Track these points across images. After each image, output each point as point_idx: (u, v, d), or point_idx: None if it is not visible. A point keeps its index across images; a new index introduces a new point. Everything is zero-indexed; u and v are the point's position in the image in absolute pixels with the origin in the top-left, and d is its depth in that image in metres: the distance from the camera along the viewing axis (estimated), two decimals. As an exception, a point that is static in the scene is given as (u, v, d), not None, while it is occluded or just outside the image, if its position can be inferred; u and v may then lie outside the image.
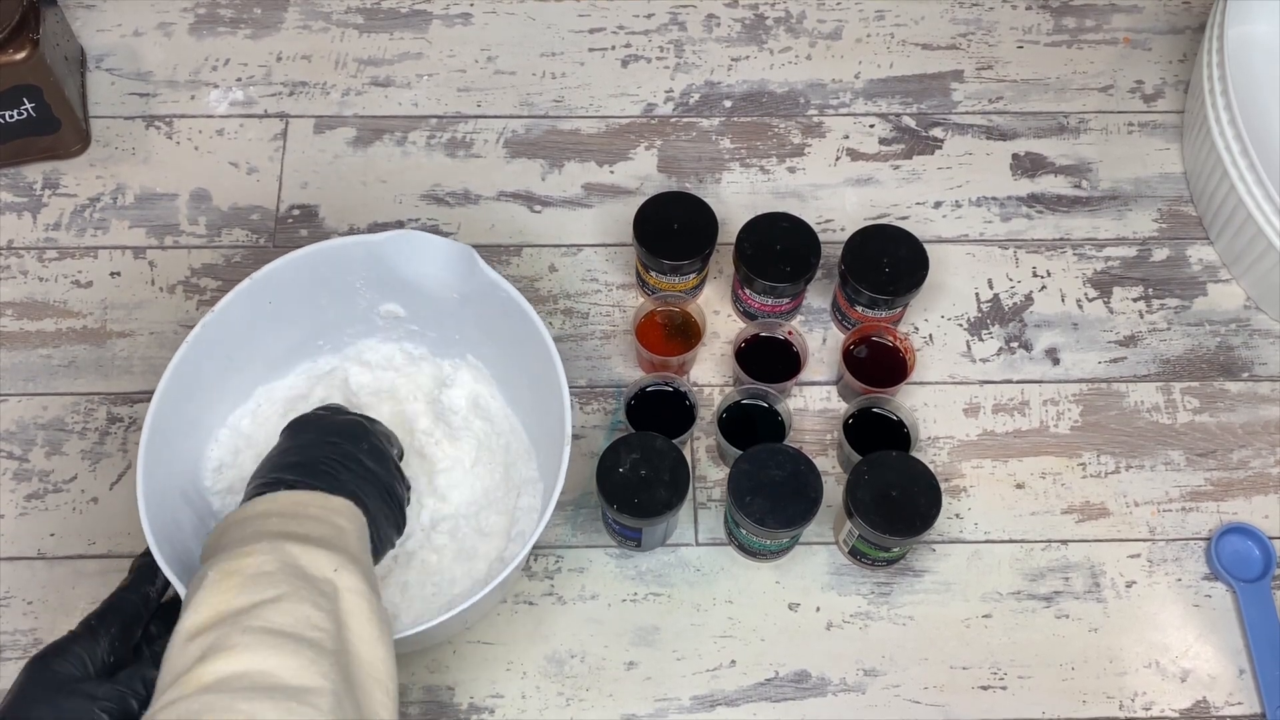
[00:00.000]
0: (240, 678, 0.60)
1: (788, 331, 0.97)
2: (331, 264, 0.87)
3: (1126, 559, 0.94)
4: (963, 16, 1.17)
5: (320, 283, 0.88)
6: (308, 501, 0.73)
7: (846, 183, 1.08)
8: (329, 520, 0.72)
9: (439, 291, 0.88)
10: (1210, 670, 0.91)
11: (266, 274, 0.85)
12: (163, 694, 0.60)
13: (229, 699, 0.59)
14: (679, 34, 1.15)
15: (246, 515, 0.72)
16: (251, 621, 0.62)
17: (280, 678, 0.60)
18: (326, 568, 0.67)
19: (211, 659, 0.60)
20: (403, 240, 0.86)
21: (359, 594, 0.67)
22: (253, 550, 0.67)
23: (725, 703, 0.89)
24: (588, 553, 0.94)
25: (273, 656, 0.61)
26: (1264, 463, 0.98)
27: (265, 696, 0.59)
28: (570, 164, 1.09)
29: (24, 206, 1.05)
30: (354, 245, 0.86)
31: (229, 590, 0.64)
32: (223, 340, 0.85)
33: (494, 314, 0.87)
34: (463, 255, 0.85)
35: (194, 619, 0.64)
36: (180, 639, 0.63)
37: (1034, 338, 1.02)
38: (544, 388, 0.85)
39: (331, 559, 0.67)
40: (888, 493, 0.87)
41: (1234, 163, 0.98)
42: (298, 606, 0.64)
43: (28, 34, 0.98)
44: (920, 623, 0.92)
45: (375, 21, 1.15)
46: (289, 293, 0.87)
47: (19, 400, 0.98)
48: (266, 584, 0.65)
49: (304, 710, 0.59)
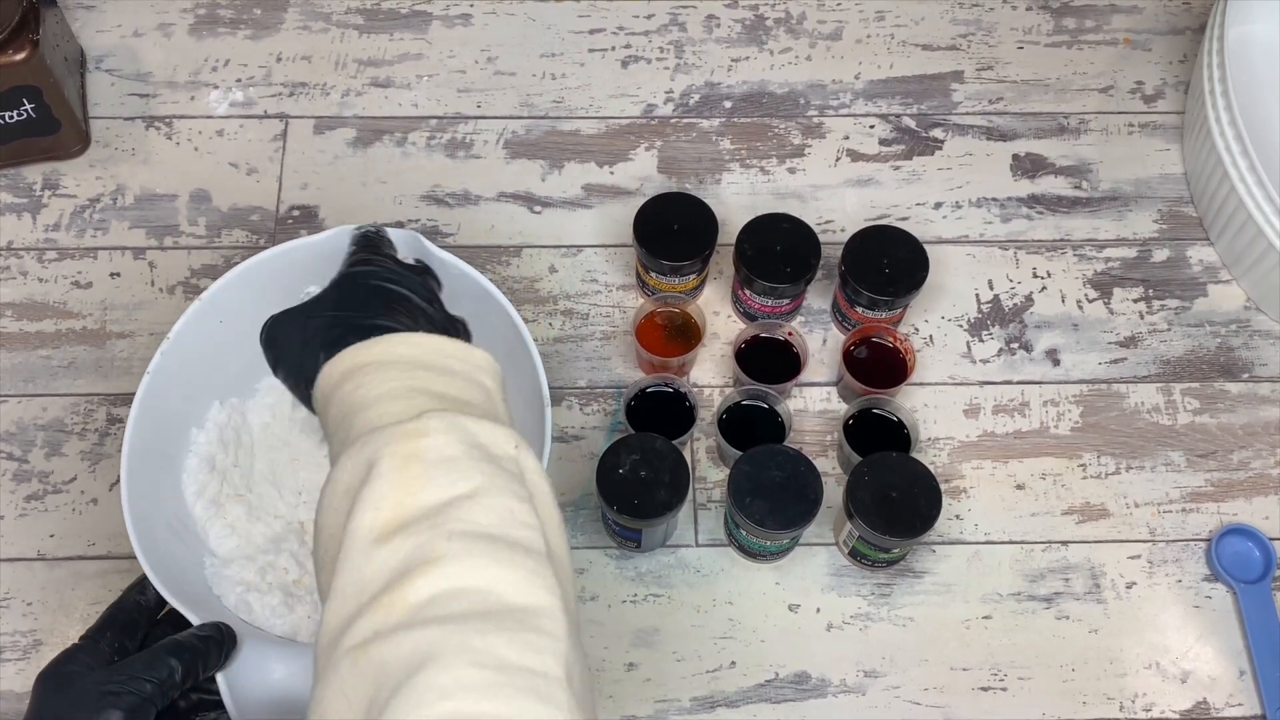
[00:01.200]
0: (458, 596, 0.52)
1: (788, 332, 0.97)
2: (276, 273, 0.85)
3: (1127, 560, 0.94)
4: (963, 17, 1.17)
5: (268, 294, 0.85)
6: (450, 352, 0.64)
7: (847, 183, 1.08)
8: (475, 379, 0.63)
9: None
10: (1211, 671, 0.91)
11: (213, 294, 0.83)
12: (358, 616, 0.52)
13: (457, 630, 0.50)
14: (679, 35, 1.15)
15: (382, 358, 0.63)
16: (453, 524, 0.54)
17: (504, 596, 0.52)
18: (508, 445, 0.58)
19: (417, 573, 0.52)
20: (344, 237, 0.84)
21: (540, 475, 0.59)
22: (426, 428, 0.57)
23: (725, 704, 0.89)
24: (588, 554, 0.94)
25: (490, 567, 0.53)
26: (1264, 464, 0.98)
27: (496, 625, 0.51)
28: (570, 165, 1.09)
29: (24, 207, 1.05)
30: (295, 250, 0.84)
31: (413, 480, 0.55)
32: (182, 369, 0.83)
33: (450, 295, 0.85)
34: (409, 241, 0.84)
35: (375, 515, 0.55)
36: (362, 540, 0.55)
37: (1034, 339, 1.02)
38: (512, 353, 0.84)
39: (509, 435, 0.59)
40: (888, 494, 0.87)
41: (1234, 163, 0.98)
42: (500, 500, 0.56)
43: (27, 35, 0.98)
44: (920, 624, 0.92)
45: (375, 22, 1.15)
46: (239, 309, 0.84)
47: (18, 401, 0.98)
48: (457, 473, 0.56)
49: (543, 642, 0.51)
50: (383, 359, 0.63)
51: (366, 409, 0.60)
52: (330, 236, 0.84)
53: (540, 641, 0.51)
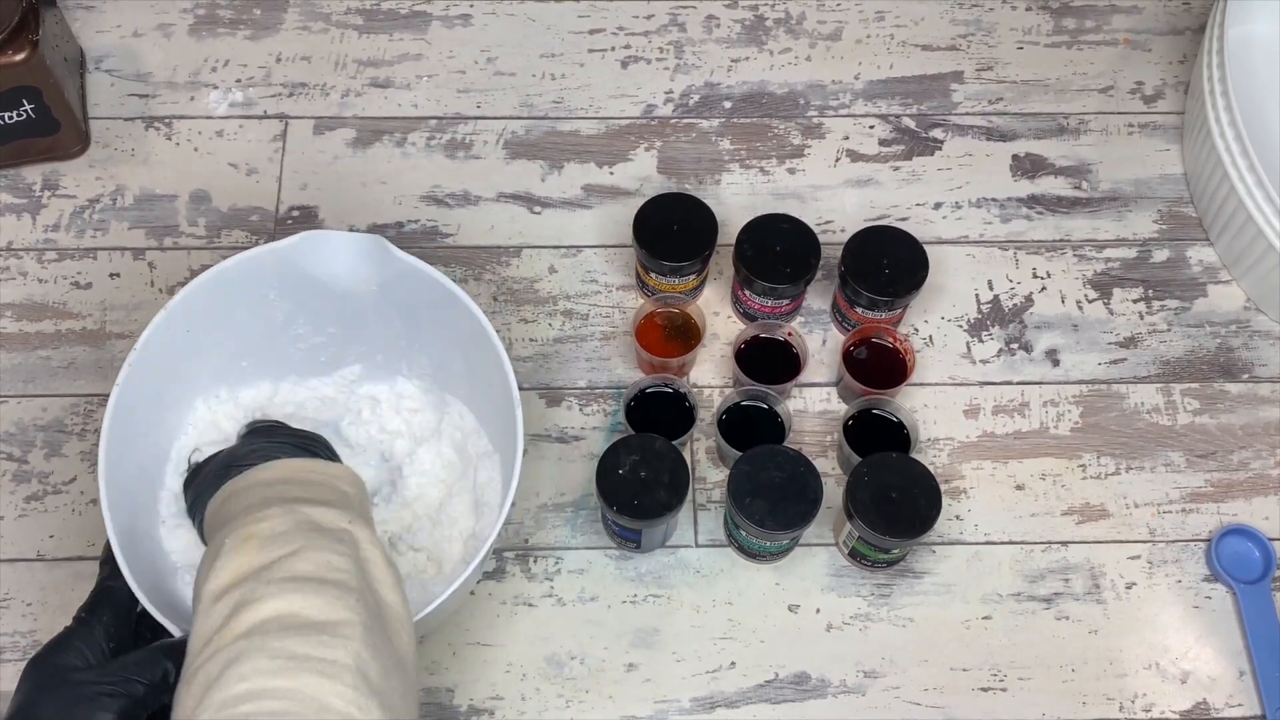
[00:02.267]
0: (271, 622, 0.61)
1: (787, 333, 0.97)
2: (239, 280, 0.84)
3: (1126, 560, 0.94)
4: (963, 17, 1.17)
5: (233, 301, 0.86)
6: (309, 468, 0.74)
7: (846, 184, 1.08)
8: (332, 485, 0.73)
9: (355, 286, 0.86)
10: (1210, 672, 0.91)
11: (178, 303, 0.83)
12: (197, 654, 0.61)
13: (261, 640, 0.60)
14: (679, 35, 1.15)
15: (250, 483, 0.73)
16: (275, 574, 0.64)
17: (309, 616, 0.62)
18: (341, 521, 0.68)
19: (241, 612, 0.62)
20: (311, 241, 0.84)
21: (374, 544, 0.68)
22: (266, 514, 0.68)
23: (725, 704, 0.89)
24: (587, 554, 0.94)
25: (299, 599, 0.62)
26: (1264, 464, 0.98)
27: (296, 634, 0.61)
28: (570, 165, 1.09)
29: (23, 208, 1.05)
30: (258, 256, 0.84)
31: (249, 551, 0.65)
32: (151, 379, 0.83)
33: (418, 299, 0.86)
34: (374, 245, 0.84)
35: (217, 582, 0.65)
36: (206, 602, 0.64)
37: (1034, 339, 1.02)
38: (481, 358, 0.84)
39: (344, 514, 0.69)
40: (888, 494, 0.87)
41: (1234, 164, 0.98)
42: (319, 554, 0.65)
43: (27, 35, 0.98)
44: (920, 624, 0.92)
45: (375, 23, 1.14)
46: (205, 317, 0.85)
47: (18, 402, 0.98)
48: (285, 541, 0.66)
49: (335, 641, 0.61)
50: (248, 483, 0.73)
51: (231, 519, 0.70)
52: (294, 243, 0.84)
53: (333, 641, 0.61)
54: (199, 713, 0.58)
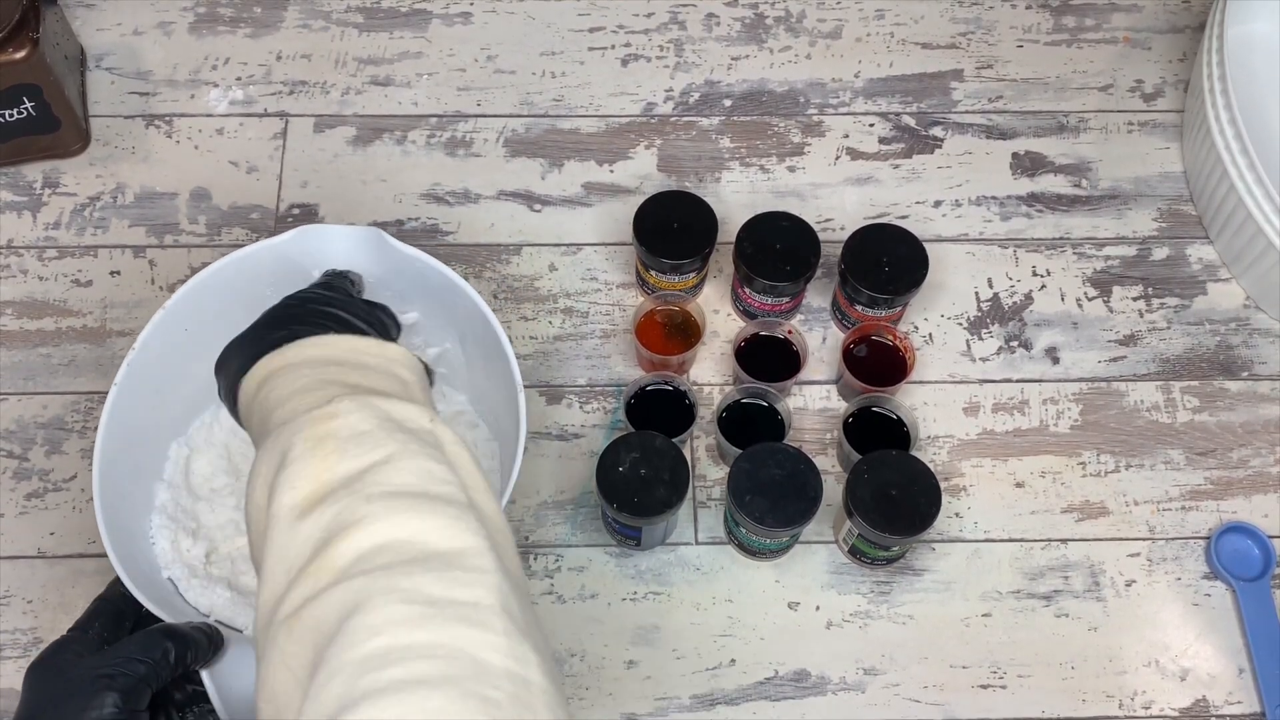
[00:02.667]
0: (383, 550, 0.52)
1: (787, 330, 0.97)
2: (237, 277, 0.84)
3: (1126, 558, 0.94)
4: (962, 16, 1.17)
5: (231, 299, 0.85)
6: (363, 349, 0.65)
7: (846, 182, 1.08)
8: (390, 371, 0.64)
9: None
10: (1210, 669, 0.91)
11: (176, 302, 0.83)
12: (288, 590, 0.52)
13: (384, 578, 0.50)
14: (679, 33, 1.15)
15: (295, 360, 0.63)
16: (371, 488, 0.54)
17: (431, 543, 0.52)
18: (423, 419, 0.59)
19: (340, 537, 0.52)
20: (307, 235, 0.84)
21: (460, 444, 0.59)
22: (337, 410, 0.58)
23: (725, 701, 0.89)
24: (587, 552, 0.94)
25: (413, 519, 0.53)
26: (1263, 462, 0.98)
27: (422, 568, 0.51)
28: (570, 163, 1.09)
29: (24, 206, 1.05)
30: (256, 253, 0.84)
31: (328, 455, 0.55)
32: (150, 377, 0.83)
33: (417, 290, 0.86)
34: (370, 238, 0.83)
35: (293, 494, 0.55)
36: (284, 519, 0.54)
37: (1034, 337, 1.02)
38: (481, 348, 0.84)
39: (423, 411, 0.59)
40: (887, 492, 0.87)
41: (1234, 162, 0.98)
42: (415, 462, 0.56)
43: (28, 33, 0.98)
44: (920, 622, 0.92)
45: (375, 21, 1.15)
46: (203, 316, 0.84)
47: (19, 399, 0.98)
48: (370, 444, 0.56)
49: (471, 576, 0.51)
50: (295, 361, 0.63)
51: (280, 406, 0.61)
52: (291, 238, 0.84)
53: (468, 576, 0.51)
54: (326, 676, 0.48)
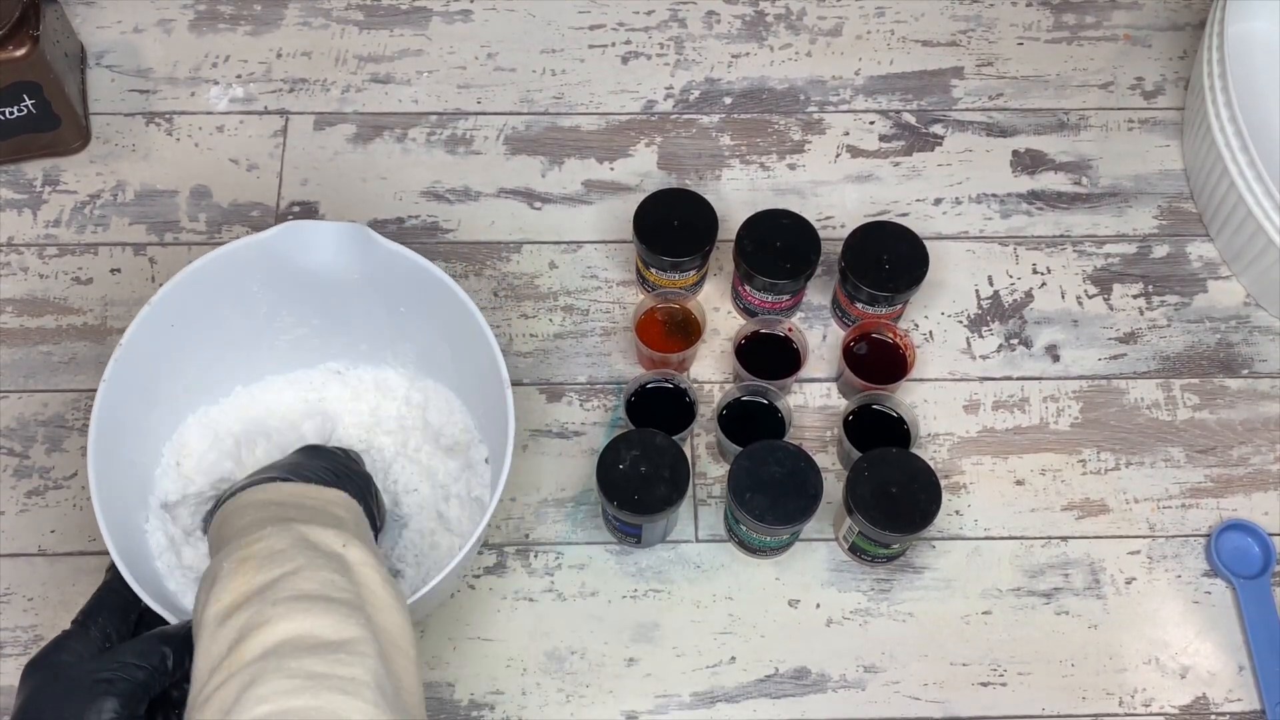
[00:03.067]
0: (283, 645, 0.60)
1: (788, 328, 0.97)
2: (222, 272, 0.84)
3: (1126, 555, 0.94)
4: (963, 13, 1.17)
5: (217, 294, 0.86)
6: (303, 493, 0.74)
7: (847, 179, 1.08)
8: (326, 510, 0.73)
9: (339, 276, 0.86)
10: (1210, 667, 0.91)
11: (161, 298, 0.82)
12: (206, 681, 0.61)
13: (276, 662, 0.59)
14: (679, 31, 1.15)
15: (245, 503, 0.73)
16: (279, 593, 0.63)
17: (322, 635, 0.61)
18: (335, 544, 0.68)
19: (250, 636, 0.61)
20: (292, 231, 0.84)
21: (370, 566, 0.67)
22: (261, 535, 0.67)
23: (725, 699, 0.89)
24: (588, 549, 0.94)
25: (308, 618, 0.62)
26: (1264, 459, 0.98)
27: (311, 653, 0.60)
28: (570, 161, 1.09)
29: (24, 203, 1.05)
30: (245, 248, 0.84)
31: (248, 572, 0.65)
32: (138, 375, 0.83)
33: (403, 287, 0.86)
34: (356, 235, 0.84)
35: (219, 605, 0.64)
36: (210, 627, 0.63)
37: (1034, 334, 1.02)
38: (468, 345, 0.84)
39: (339, 536, 0.68)
40: (888, 489, 0.87)
41: (1234, 159, 0.98)
42: (318, 573, 0.65)
43: (28, 30, 0.98)
44: (920, 619, 0.92)
45: (375, 18, 1.15)
46: (189, 311, 0.84)
47: (19, 397, 0.98)
48: (283, 559, 0.65)
49: (353, 658, 0.60)
50: (242, 504, 0.73)
51: (226, 542, 0.70)
52: (276, 234, 0.84)
53: (349, 659, 0.60)
54: None
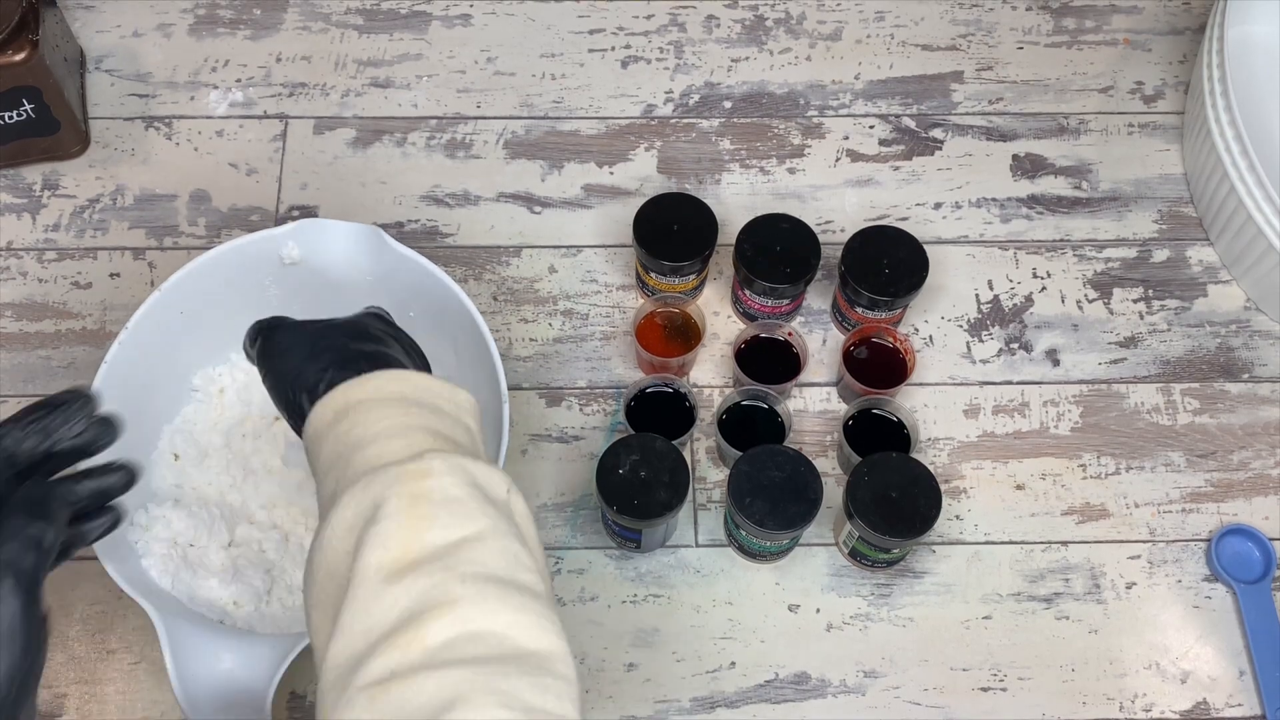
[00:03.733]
0: (475, 640, 0.53)
1: (787, 333, 0.97)
2: (234, 266, 0.85)
3: (1127, 560, 0.94)
4: (963, 17, 1.17)
5: (227, 287, 0.86)
6: (438, 391, 0.65)
7: (846, 184, 1.08)
8: (460, 420, 0.65)
9: (350, 276, 0.87)
10: (1210, 672, 0.91)
11: (173, 284, 0.83)
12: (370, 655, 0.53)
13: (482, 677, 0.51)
14: (679, 35, 1.15)
15: (377, 395, 0.63)
16: (464, 566, 0.55)
17: (518, 641, 0.54)
18: (501, 488, 0.60)
19: (432, 614, 0.53)
20: (307, 229, 0.84)
21: (527, 518, 0.60)
22: (430, 469, 0.58)
23: (725, 704, 0.89)
24: (587, 554, 0.94)
25: (504, 612, 0.54)
26: (1264, 464, 0.98)
27: (516, 668, 0.52)
28: (570, 165, 1.09)
29: (23, 208, 1.05)
30: (260, 241, 0.84)
31: (421, 520, 0.56)
32: (140, 359, 0.82)
33: (411, 292, 0.86)
34: (370, 236, 0.84)
35: (384, 554, 0.55)
36: (371, 578, 0.55)
37: (1034, 339, 1.02)
38: (473, 353, 0.85)
39: (501, 478, 0.60)
40: (888, 494, 0.87)
41: (1234, 164, 0.98)
42: (505, 543, 0.57)
43: (27, 35, 0.98)
44: (920, 624, 0.92)
45: (375, 23, 1.15)
46: (199, 301, 0.85)
47: (18, 402, 0.98)
48: (462, 514, 0.57)
49: (559, 686, 0.53)
50: (376, 395, 0.63)
51: (364, 447, 0.60)
52: (291, 230, 0.85)
53: (557, 685, 0.53)
54: None
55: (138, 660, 0.89)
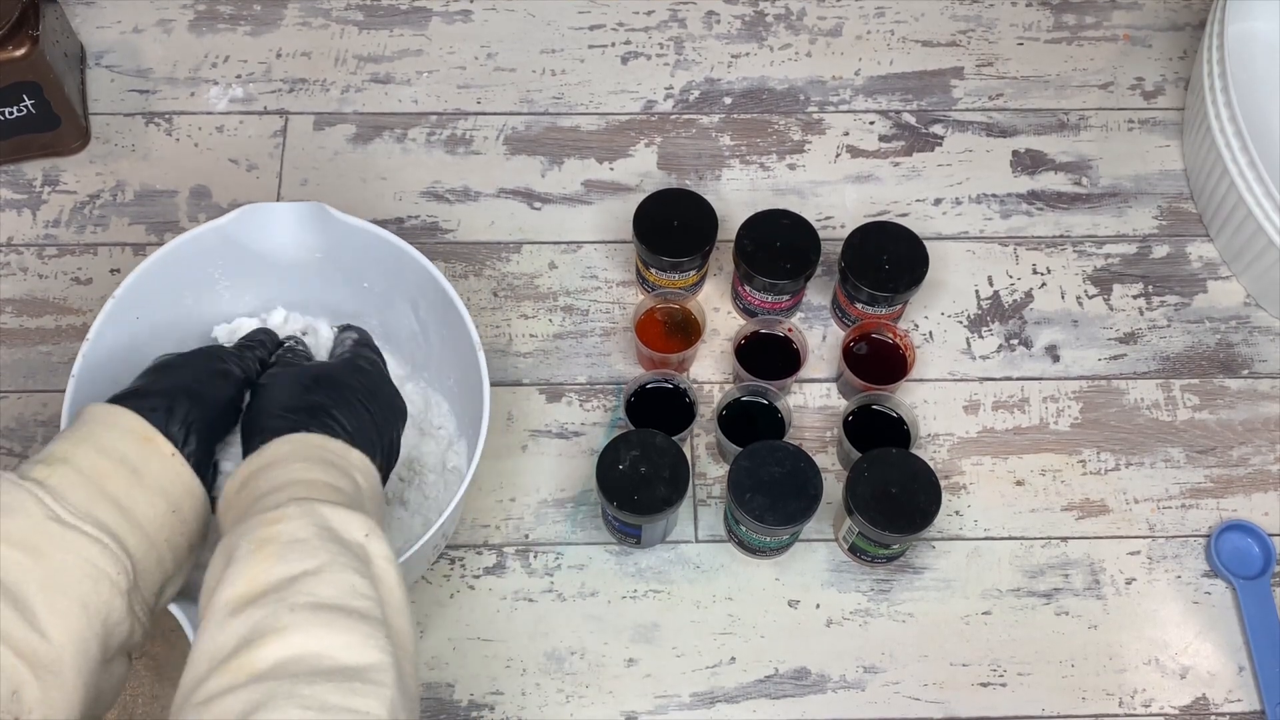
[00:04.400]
0: (296, 661, 0.57)
1: (787, 328, 0.97)
2: (185, 260, 0.84)
3: (1126, 556, 0.94)
4: (963, 13, 1.17)
5: (181, 283, 0.85)
6: (328, 446, 0.71)
7: (846, 179, 1.08)
8: (347, 473, 0.70)
9: (299, 256, 0.86)
10: (1210, 667, 0.91)
11: (126, 290, 0.82)
12: (208, 677, 0.57)
13: (289, 685, 0.56)
14: (679, 31, 1.15)
15: (268, 460, 0.69)
16: (296, 597, 0.59)
17: (338, 658, 0.58)
18: (358, 532, 0.64)
19: (261, 642, 0.58)
20: (250, 215, 0.84)
21: (388, 560, 0.64)
22: (283, 515, 0.63)
23: (725, 699, 0.89)
24: (587, 550, 0.94)
25: (326, 634, 0.58)
26: (1264, 460, 0.98)
27: (325, 679, 0.56)
28: (570, 161, 1.09)
29: (24, 203, 1.05)
30: (203, 235, 0.84)
31: (266, 559, 0.61)
32: (106, 369, 0.82)
33: (364, 261, 0.86)
34: (314, 212, 0.84)
35: (232, 591, 0.60)
36: (219, 613, 0.60)
37: (1034, 335, 1.02)
38: (436, 310, 0.84)
39: (362, 522, 0.64)
40: (887, 490, 0.87)
41: (1234, 159, 0.98)
42: (341, 575, 0.61)
43: (27, 31, 0.98)
44: (920, 620, 0.92)
45: (375, 18, 1.14)
46: (154, 302, 0.84)
47: (19, 397, 0.98)
48: (304, 552, 0.62)
49: (368, 689, 0.57)
50: (269, 461, 0.69)
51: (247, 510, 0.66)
52: (234, 218, 0.84)
53: (365, 689, 0.57)
54: None
55: (138, 656, 0.89)
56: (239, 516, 0.67)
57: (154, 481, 0.69)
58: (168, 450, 0.70)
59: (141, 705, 0.88)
